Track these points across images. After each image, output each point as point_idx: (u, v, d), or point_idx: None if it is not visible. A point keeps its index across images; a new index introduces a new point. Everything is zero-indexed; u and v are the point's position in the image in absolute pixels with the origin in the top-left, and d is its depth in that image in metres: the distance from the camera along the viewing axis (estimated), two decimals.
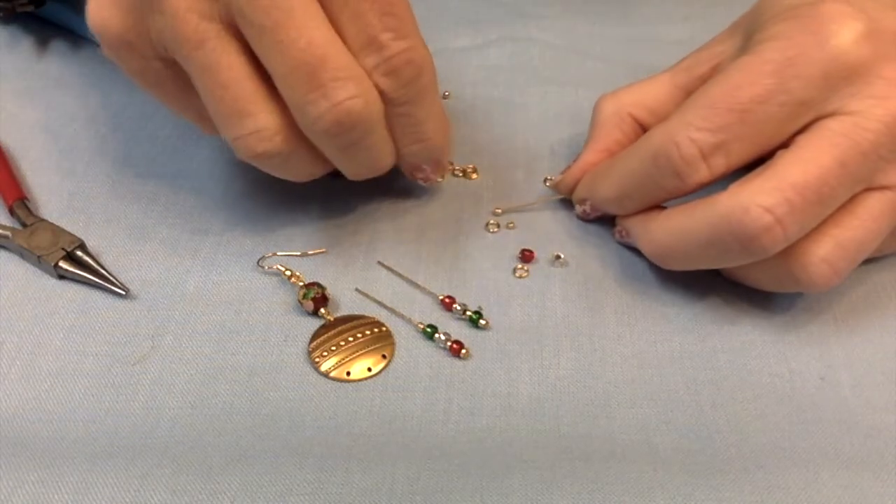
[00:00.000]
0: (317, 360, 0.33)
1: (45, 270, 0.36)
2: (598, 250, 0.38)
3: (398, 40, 0.31)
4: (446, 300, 0.35)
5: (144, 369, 0.33)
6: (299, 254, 0.37)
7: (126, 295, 0.35)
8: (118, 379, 0.32)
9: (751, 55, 0.32)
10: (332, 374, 0.33)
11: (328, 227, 0.38)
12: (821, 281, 0.31)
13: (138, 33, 0.32)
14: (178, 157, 0.42)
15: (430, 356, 0.33)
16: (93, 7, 0.32)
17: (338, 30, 0.31)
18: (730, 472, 0.29)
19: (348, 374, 0.33)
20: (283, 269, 0.36)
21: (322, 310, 0.34)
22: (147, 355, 0.33)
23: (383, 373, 0.33)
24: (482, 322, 0.34)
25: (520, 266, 0.37)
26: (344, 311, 0.35)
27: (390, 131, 0.34)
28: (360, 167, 0.35)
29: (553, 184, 0.40)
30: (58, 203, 0.39)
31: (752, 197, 0.30)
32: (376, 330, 0.34)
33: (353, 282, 0.36)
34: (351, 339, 0.34)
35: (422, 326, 0.34)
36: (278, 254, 0.37)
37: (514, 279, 0.36)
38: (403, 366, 0.33)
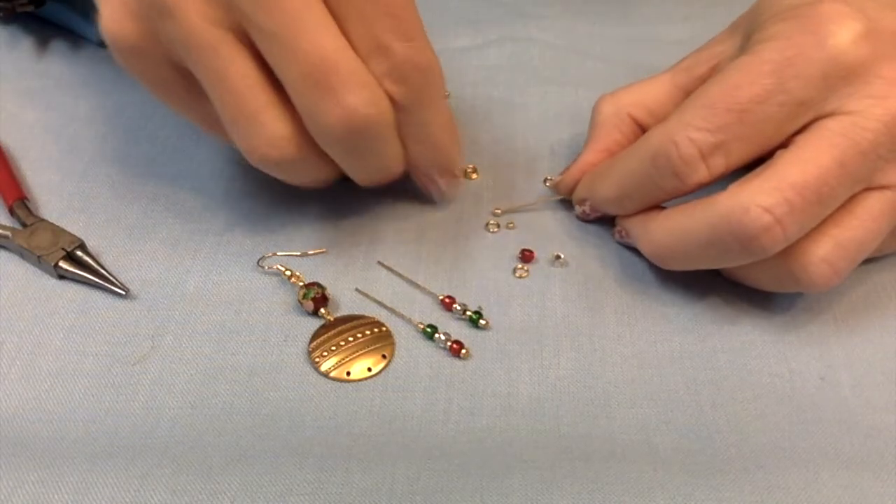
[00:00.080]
0: (317, 360, 0.33)
1: (45, 270, 0.36)
2: (598, 250, 0.38)
3: (406, 45, 0.31)
4: (446, 300, 0.35)
5: (144, 369, 0.33)
6: (299, 254, 0.37)
7: (126, 295, 0.35)
8: (118, 379, 0.32)
9: (750, 55, 0.32)
10: (332, 374, 0.33)
11: (328, 227, 0.38)
12: (821, 281, 0.31)
13: (150, 41, 0.32)
14: (178, 157, 0.42)
15: (430, 356, 0.33)
16: (105, 16, 0.32)
17: (346, 35, 0.31)
18: (730, 472, 0.29)
19: (348, 374, 0.33)
20: (283, 269, 0.36)
21: (322, 310, 0.34)
22: (147, 355, 0.33)
23: (383, 373, 0.33)
24: (482, 322, 0.34)
25: (520, 266, 0.37)
26: (344, 311, 0.35)
27: (400, 137, 0.34)
28: (370, 173, 0.35)
29: (552, 184, 0.40)
30: (58, 203, 0.39)
31: (751, 197, 0.30)
32: (376, 330, 0.34)
33: (353, 282, 0.36)
34: (351, 339, 0.34)
35: (422, 326, 0.34)
36: (278, 254, 0.37)
37: (514, 279, 0.36)
38: (403, 366, 0.33)
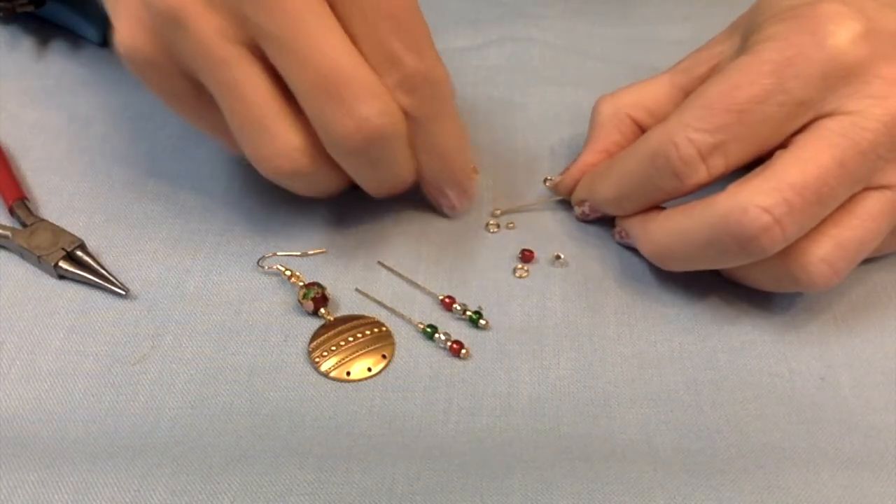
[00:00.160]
0: (317, 360, 0.33)
1: (45, 270, 0.36)
2: (598, 250, 0.38)
3: (415, 58, 0.31)
4: (446, 300, 0.35)
5: (144, 369, 0.33)
6: (299, 254, 0.37)
7: (126, 295, 0.35)
8: (118, 379, 0.32)
9: (749, 55, 0.32)
10: (332, 374, 0.33)
11: (328, 227, 0.38)
12: (820, 281, 0.31)
13: (164, 55, 0.32)
14: (178, 156, 0.42)
15: (430, 356, 0.33)
16: (119, 30, 0.33)
17: (357, 49, 0.31)
18: (730, 472, 0.29)
19: (348, 374, 0.33)
20: (283, 269, 0.36)
21: (322, 310, 0.34)
22: (147, 355, 0.33)
23: (383, 373, 0.33)
24: (482, 322, 0.34)
25: (520, 266, 0.37)
26: (344, 311, 0.35)
27: (412, 149, 0.34)
28: (382, 184, 0.35)
29: (552, 185, 0.40)
30: (58, 203, 0.39)
31: (750, 197, 0.30)
32: (376, 330, 0.34)
33: (353, 282, 0.36)
34: (351, 339, 0.34)
35: (422, 326, 0.34)
36: (278, 254, 0.37)
37: (514, 279, 0.36)
38: (403, 366, 0.33)
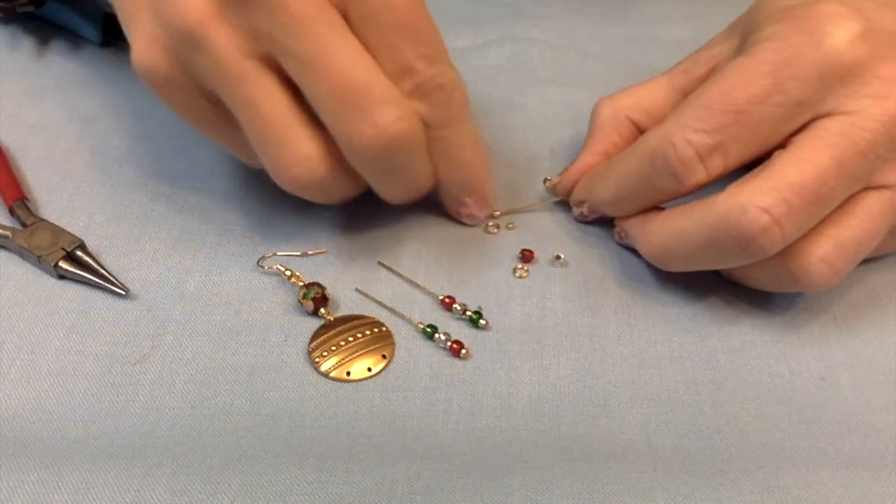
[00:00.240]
0: (317, 360, 0.33)
1: (45, 270, 0.36)
2: (598, 250, 0.38)
3: (429, 66, 0.31)
4: (446, 300, 0.35)
5: (144, 369, 0.33)
6: (299, 254, 0.37)
7: (126, 295, 0.35)
8: (118, 379, 0.32)
9: (747, 56, 0.32)
10: (332, 374, 0.33)
11: (328, 227, 0.38)
12: (820, 281, 0.31)
13: (181, 73, 0.32)
14: (178, 156, 0.42)
15: (430, 356, 0.33)
16: (136, 49, 0.33)
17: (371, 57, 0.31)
18: (730, 472, 0.29)
19: (348, 374, 0.33)
20: (283, 269, 0.36)
21: (322, 310, 0.34)
22: (147, 355, 0.33)
23: (383, 373, 0.33)
24: (482, 322, 0.34)
25: (520, 266, 0.37)
26: (344, 311, 0.35)
27: (430, 158, 0.34)
28: (400, 190, 0.35)
29: (550, 186, 0.40)
30: (58, 203, 0.39)
31: (749, 198, 0.30)
32: (376, 330, 0.34)
33: (353, 282, 0.36)
34: (351, 339, 0.34)
35: (422, 326, 0.34)
36: (278, 254, 0.37)
37: (514, 279, 0.36)
38: (403, 366, 0.33)
